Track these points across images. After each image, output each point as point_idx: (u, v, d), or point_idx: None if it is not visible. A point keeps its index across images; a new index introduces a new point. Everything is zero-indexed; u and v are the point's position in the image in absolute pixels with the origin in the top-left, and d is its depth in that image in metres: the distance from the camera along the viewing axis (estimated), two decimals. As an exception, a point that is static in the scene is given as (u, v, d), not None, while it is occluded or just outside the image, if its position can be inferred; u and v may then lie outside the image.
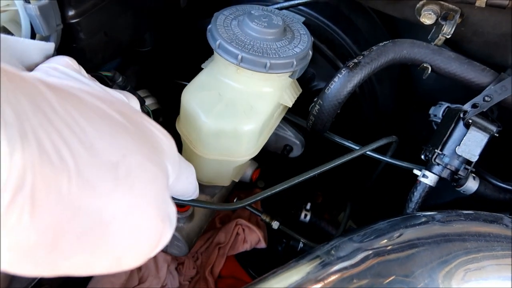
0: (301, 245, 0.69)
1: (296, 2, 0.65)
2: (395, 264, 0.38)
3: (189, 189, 0.44)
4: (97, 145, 0.26)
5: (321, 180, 0.77)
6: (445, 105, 0.61)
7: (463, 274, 0.39)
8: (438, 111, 0.61)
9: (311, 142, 0.74)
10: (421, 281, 0.37)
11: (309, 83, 0.77)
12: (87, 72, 0.54)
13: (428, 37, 0.58)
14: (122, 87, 0.57)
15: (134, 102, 0.44)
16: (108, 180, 0.26)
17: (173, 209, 0.32)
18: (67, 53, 0.50)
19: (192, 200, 0.51)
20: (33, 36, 0.44)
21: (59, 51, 0.48)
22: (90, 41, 0.50)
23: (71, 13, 0.47)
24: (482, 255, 0.40)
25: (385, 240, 0.41)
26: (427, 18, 0.55)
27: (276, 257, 0.76)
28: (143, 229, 0.28)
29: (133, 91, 0.60)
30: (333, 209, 0.93)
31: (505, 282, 0.39)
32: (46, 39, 0.45)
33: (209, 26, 0.55)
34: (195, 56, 0.63)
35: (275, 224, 0.68)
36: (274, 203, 0.83)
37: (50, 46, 0.42)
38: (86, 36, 0.49)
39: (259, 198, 0.54)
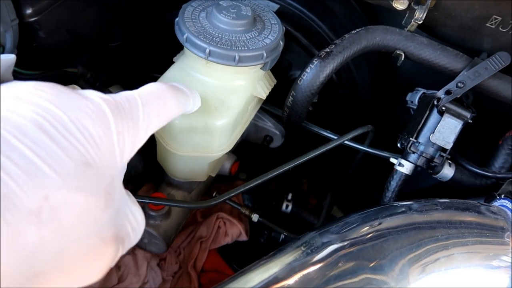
0: (282, 236, 0.69)
1: (268, -10, 0.63)
2: (362, 255, 0.38)
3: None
4: (12, 194, 0.23)
5: (305, 168, 0.77)
6: (421, 91, 0.60)
7: (432, 263, 0.39)
8: (414, 98, 0.61)
9: (291, 131, 0.73)
10: (387, 270, 0.37)
11: (287, 72, 0.76)
12: (51, 69, 0.52)
13: (402, 23, 0.57)
14: (91, 83, 0.56)
15: None
16: (31, 231, 0.23)
17: (130, 220, 0.31)
18: (28, 52, 0.49)
19: (167, 200, 0.50)
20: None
21: (18, 51, 0.46)
22: (51, 39, 0.49)
23: (28, 11, 0.45)
24: (452, 242, 0.40)
25: (355, 233, 0.41)
26: (399, 4, 0.54)
27: (259, 249, 0.76)
28: (84, 263, 0.27)
29: (102, 87, 0.58)
30: (320, 194, 0.94)
31: (474, 270, 0.40)
32: (2, 36, 0.43)
33: (177, 19, 0.53)
34: (168, 48, 0.62)
35: (255, 217, 0.68)
36: (258, 194, 0.83)
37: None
38: (46, 34, 0.48)
39: (234, 194, 0.54)
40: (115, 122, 0.29)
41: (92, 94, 0.30)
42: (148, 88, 0.35)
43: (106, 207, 0.28)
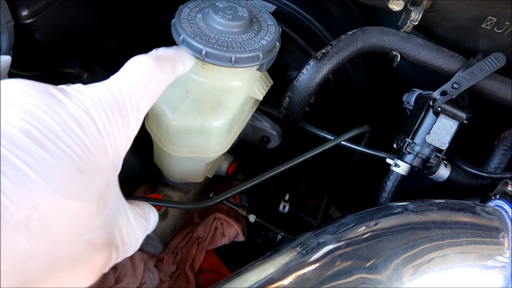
0: (279, 236, 0.69)
1: (265, -9, 0.63)
2: (357, 255, 0.39)
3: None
4: (0, 206, 0.23)
5: (302, 168, 0.77)
6: (417, 92, 0.60)
7: (427, 263, 0.39)
8: (410, 98, 0.61)
9: (288, 132, 0.73)
10: (381, 270, 0.37)
11: (284, 72, 0.77)
12: (48, 70, 0.52)
13: (398, 24, 0.57)
14: (87, 84, 0.56)
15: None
16: (21, 241, 0.23)
17: (126, 225, 0.31)
18: (24, 53, 0.49)
19: (164, 201, 0.50)
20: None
21: (14, 52, 0.46)
22: (48, 40, 0.49)
23: (24, 13, 0.45)
24: (447, 242, 0.41)
25: (350, 233, 0.41)
26: (395, 5, 0.54)
27: (256, 249, 0.76)
28: (75, 269, 0.27)
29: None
30: (317, 194, 0.94)
31: (468, 270, 0.40)
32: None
33: (173, 20, 0.53)
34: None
35: (252, 218, 0.68)
36: (255, 194, 0.83)
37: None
38: (42, 36, 0.48)
39: (231, 194, 0.54)
40: (103, 124, 0.29)
41: (78, 95, 0.29)
42: (130, 68, 0.34)
43: (99, 212, 0.28)
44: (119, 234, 0.30)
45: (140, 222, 0.33)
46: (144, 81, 0.33)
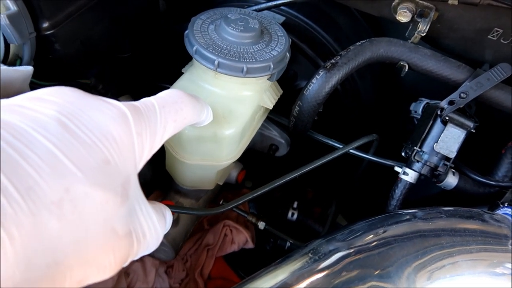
0: (288, 244, 0.69)
1: (274, 3, 0.65)
2: (368, 262, 0.39)
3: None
4: (36, 186, 0.24)
5: (310, 176, 0.78)
6: (425, 101, 0.61)
7: (438, 270, 0.40)
8: (418, 107, 0.62)
9: (297, 140, 0.74)
10: (394, 278, 0.38)
11: (292, 82, 0.78)
12: (65, 80, 0.54)
13: (406, 35, 0.58)
14: (102, 94, 0.57)
15: None
16: (53, 222, 0.24)
17: (146, 219, 0.32)
18: (44, 64, 0.51)
19: (177, 207, 0.51)
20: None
21: (35, 63, 0.48)
22: (66, 51, 0.50)
23: (45, 25, 0.47)
24: (457, 249, 0.41)
25: (361, 240, 0.42)
26: (403, 16, 0.55)
27: (265, 256, 0.77)
28: (100, 255, 0.28)
29: (114, 98, 0.60)
30: (323, 203, 0.95)
31: (479, 278, 0.40)
32: (20, 48, 0.45)
33: (186, 32, 0.55)
34: (176, 60, 0.63)
35: (261, 225, 0.68)
36: (263, 202, 0.84)
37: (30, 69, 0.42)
38: (61, 47, 0.49)
39: (242, 201, 0.55)
40: (134, 124, 0.30)
41: (113, 100, 0.31)
42: (165, 93, 0.36)
43: (123, 202, 0.29)
44: (140, 227, 0.31)
45: (159, 218, 0.34)
46: (176, 107, 0.35)
